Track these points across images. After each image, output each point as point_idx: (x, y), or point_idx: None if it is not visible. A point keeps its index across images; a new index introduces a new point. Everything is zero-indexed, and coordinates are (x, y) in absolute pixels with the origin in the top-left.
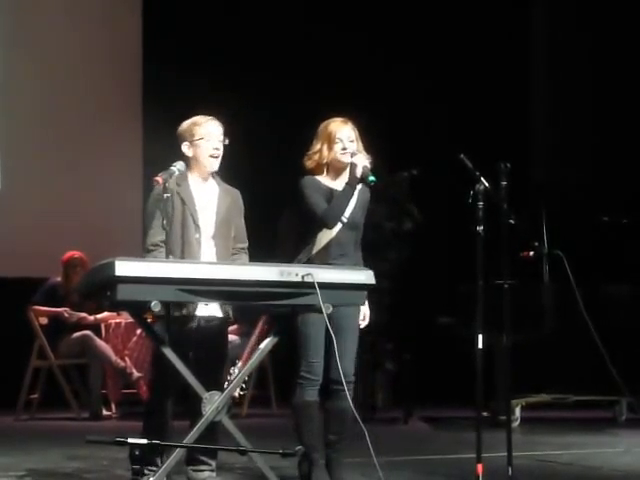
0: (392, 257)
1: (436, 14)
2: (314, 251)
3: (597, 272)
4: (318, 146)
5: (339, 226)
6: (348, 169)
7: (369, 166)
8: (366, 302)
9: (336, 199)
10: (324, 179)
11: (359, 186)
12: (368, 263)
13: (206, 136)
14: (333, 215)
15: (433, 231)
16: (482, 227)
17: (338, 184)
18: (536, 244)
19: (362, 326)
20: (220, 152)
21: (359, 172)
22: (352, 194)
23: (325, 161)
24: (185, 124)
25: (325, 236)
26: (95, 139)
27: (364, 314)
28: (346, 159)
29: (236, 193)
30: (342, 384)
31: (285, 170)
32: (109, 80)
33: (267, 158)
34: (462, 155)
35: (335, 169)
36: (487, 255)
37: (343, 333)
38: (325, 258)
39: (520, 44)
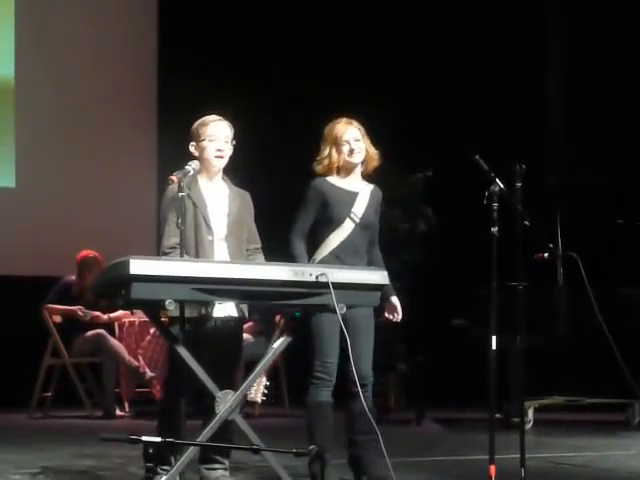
0: (406, 258)
1: (453, 15)
2: (327, 251)
3: (612, 274)
4: (327, 151)
5: (352, 226)
6: (359, 167)
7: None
8: (395, 296)
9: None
10: (335, 179)
11: (370, 186)
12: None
13: (210, 137)
14: (289, 251)
15: (447, 232)
16: (496, 228)
17: (350, 184)
18: (551, 246)
19: (396, 319)
20: (225, 153)
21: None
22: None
23: (336, 165)
24: (195, 124)
25: (338, 236)
26: (110, 139)
27: (397, 308)
28: (356, 159)
29: (246, 195)
30: (362, 386)
31: (297, 170)
32: (124, 81)
33: (280, 158)
34: (477, 156)
35: (346, 170)
36: (501, 257)
37: (360, 334)
38: (338, 258)
39: (536, 45)
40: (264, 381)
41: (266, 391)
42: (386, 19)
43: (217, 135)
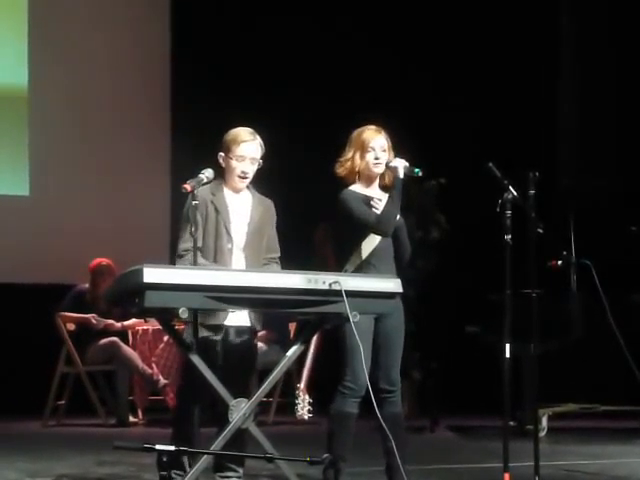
0: (419, 265)
1: (465, 23)
2: (361, 259)
3: (625, 281)
4: (350, 154)
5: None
6: (378, 177)
7: (408, 164)
8: None
9: (387, 204)
10: (358, 187)
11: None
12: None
13: (238, 157)
14: (387, 220)
15: (461, 240)
16: (510, 236)
17: (372, 191)
18: (564, 253)
19: None
20: (249, 174)
21: (401, 173)
22: (400, 197)
23: (357, 169)
24: (229, 135)
25: (370, 244)
26: (123, 147)
27: None
28: (378, 170)
29: (269, 203)
30: (391, 392)
31: (318, 182)
32: (137, 88)
33: (298, 170)
34: (490, 164)
35: (366, 178)
36: (515, 264)
37: (392, 346)
38: (373, 265)
39: (549, 52)
40: (307, 398)
41: (311, 408)
42: (400, 30)
43: (245, 156)
